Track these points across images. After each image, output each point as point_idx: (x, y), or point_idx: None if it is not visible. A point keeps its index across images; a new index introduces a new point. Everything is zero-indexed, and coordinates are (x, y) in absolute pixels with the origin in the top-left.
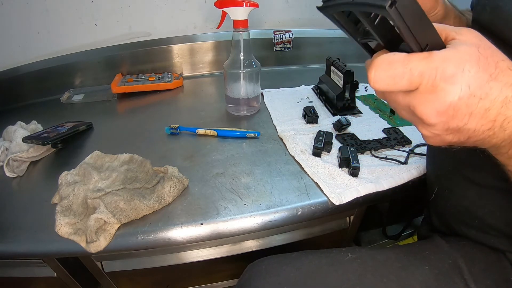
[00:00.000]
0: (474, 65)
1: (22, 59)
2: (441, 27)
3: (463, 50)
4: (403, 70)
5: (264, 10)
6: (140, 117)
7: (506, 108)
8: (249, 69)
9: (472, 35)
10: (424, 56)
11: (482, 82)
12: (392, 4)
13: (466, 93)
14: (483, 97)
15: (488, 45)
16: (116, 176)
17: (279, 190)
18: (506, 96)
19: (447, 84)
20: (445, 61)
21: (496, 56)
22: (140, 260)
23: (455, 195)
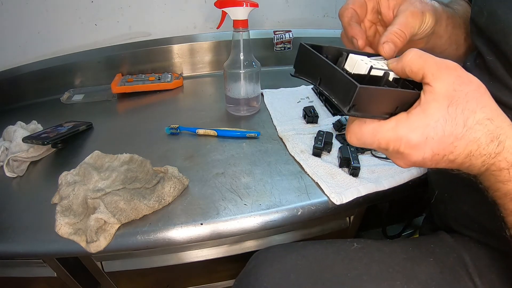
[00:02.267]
0: (439, 131)
1: (22, 59)
2: (420, 64)
3: (431, 114)
4: (371, 140)
5: (264, 10)
6: (140, 117)
7: (470, 159)
8: (249, 69)
9: (448, 82)
10: (391, 126)
11: (446, 144)
12: (350, 108)
13: (429, 154)
14: (447, 154)
15: (463, 95)
16: (116, 176)
17: (279, 190)
18: (470, 150)
19: (412, 150)
20: (410, 132)
21: (467, 111)
22: (140, 260)
23: (455, 199)
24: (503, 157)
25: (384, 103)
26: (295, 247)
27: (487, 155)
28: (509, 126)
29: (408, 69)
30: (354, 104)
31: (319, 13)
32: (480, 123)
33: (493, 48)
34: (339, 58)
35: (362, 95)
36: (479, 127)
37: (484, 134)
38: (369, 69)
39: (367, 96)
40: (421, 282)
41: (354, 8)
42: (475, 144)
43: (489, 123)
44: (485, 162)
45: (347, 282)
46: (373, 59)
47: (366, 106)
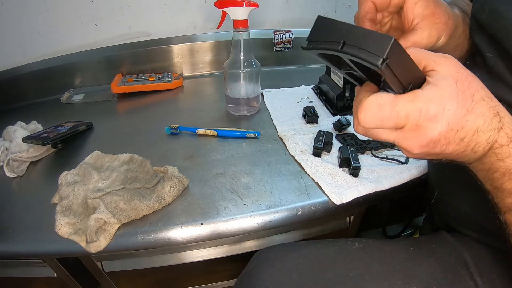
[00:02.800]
0: (453, 102)
1: (22, 59)
2: (420, 55)
3: (443, 87)
4: (390, 113)
5: (264, 10)
6: (140, 117)
7: (477, 136)
8: (249, 69)
9: (450, 65)
10: (409, 98)
11: (460, 117)
12: (384, 61)
13: (445, 128)
14: (459, 130)
15: (464, 76)
16: (116, 176)
17: (279, 190)
18: (478, 126)
19: (430, 123)
20: (428, 102)
21: (472, 88)
22: (140, 260)
23: (455, 199)
24: (504, 133)
25: (406, 71)
26: (297, 247)
27: (492, 130)
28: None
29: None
30: (387, 57)
31: (319, 13)
32: (483, 99)
33: (494, 45)
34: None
35: (394, 52)
36: (484, 102)
37: (488, 110)
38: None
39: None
40: (422, 281)
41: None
42: (482, 119)
43: (490, 100)
44: (490, 138)
45: (348, 282)
46: None
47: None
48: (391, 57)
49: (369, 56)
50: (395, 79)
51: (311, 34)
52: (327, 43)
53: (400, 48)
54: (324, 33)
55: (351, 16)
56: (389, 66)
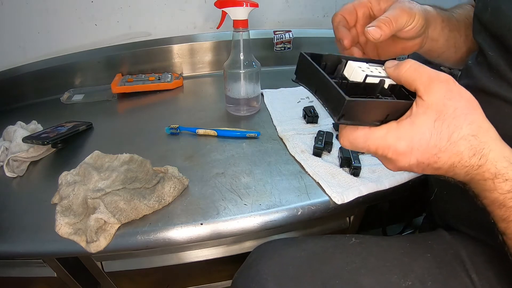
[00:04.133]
0: (423, 143)
1: (22, 59)
2: (414, 77)
3: (418, 126)
4: (363, 145)
5: (264, 10)
6: (140, 117)
7: (453, 169)
8: (249, 69)
9: (438, 96)
10: (381, 134)
11: (430, 155)
12: (340, 118)
13: (415, 162)
14: (431, 163)
15: (451, 110)
16: (116, 176)
17: (279, 190)
18: (452, 162)
19: (400, 157)
20: (398, 140)
21: (453, 126)
22: (140, 260)
23: (453, 197)
24: (486, 169)
25: (374, 112)
26: (295, 241)
27: (469, 167)
28: (494, 140)
29: (403, 80)
30: (343, 114)
31: (319, 13)
32: (464, 138)
33: (496, 44)
34: (338, 65)
35: (351, 107)
36: (463, 142)
37: (467, 148)
38: (365, 77)
39: (357, 107)
40: (418, 276)
41: (343, 15)
42: (458, 157)
43: (473, 139)
44: (468, 172)
45: (344, 275)
46: (372, 65)
47: (356, 115)
48: (347, 113)
49: (331, 110)
50: (360, 123)
51: (297, 70)
52: (307, 84)
53: (357, 103)
54: (305, 75)
55: None
56: (347, 119)
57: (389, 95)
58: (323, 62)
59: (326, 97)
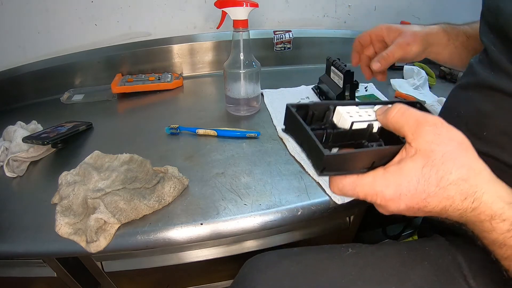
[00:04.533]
0: (411, 189)
1: (22, 59)
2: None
3: (406, 173)
4: (352, 192)
5: (264, 10)
6: (140, 117)
7: (446, 211)
8: (249, 69)
9: (427, 141)
10: (368, 181)
11: (419, 200)
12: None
13: (404, 207)
14: (421, 208)
15: (440, 155)
16: (116, 176)
17: (279, 190)
18: (444, 206)
19: (388, 202)
20: (385, 187)
21: (442, 171)
22: (140, 260)
23: None
24: (481, 211)
25: (357, 162)
26: (289, 254)
27: (462, 210)
28: (487, 182)
29: (391, 127)
30: (324, 167)
31: (319, 13)
32: (454, 183)
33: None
34: (327, 112)
35: (331, 160)
36: (453, 187)
37: (457, 193)
38: (351, 124)
39: (337, 160)
40: (416, 284)
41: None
42: (449, 201)
43: (463, 183)
44: (462, 215)
45: (341, 287)
46: (363, 107)
47: (339, 167)
48: (328, 166)
49: (313, 163)
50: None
51: (285, 122)
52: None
53: (335, 156)
54: (291, 126)
55: (351, 16)
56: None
57: (377, 140)
58: (310, 111)
59: (309, 150)
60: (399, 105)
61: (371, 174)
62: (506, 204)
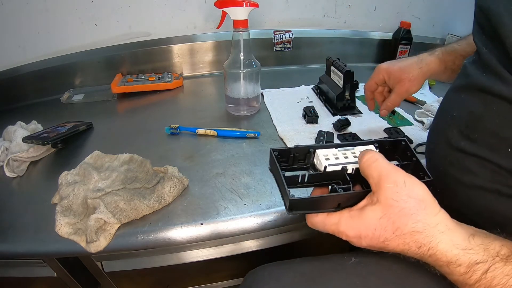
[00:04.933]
0: (369, 233)
1: (22, 59)
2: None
3: (365, 220)
4: (322, 228)
5: (264, 10)
6: (140, 117)
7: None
8: (249, 69)
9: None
10: (334, 221)
11: (378, 242)
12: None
13: (366, 245)
14: (382, 247)
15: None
16: (116, 176)
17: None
18: (402, 249)
19: (352, 240)
20: (348, 229)
21: (398, 223)
22: (140, 260)
23: (446, 196)
24: (437, 258)
25: (323, 204)
26: (292, 265)
27: (420, 255)
28: (442, 233)
29: (361, 172)
30: (291, 208)
31: (319, 13)
32: (409, 234)
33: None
34: (307, 153)
35: (298, 203)
36: (408, 236)
37: (412, 241)
38: (324, 168)
39: (304, 203)
40: None
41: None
42: (406, 246)
43: (418, 235)
44: (421, 258)
45: None
46: (342, 149)
47: (306, 207)
48: (295, 207)
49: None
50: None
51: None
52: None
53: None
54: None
55: (350, 16)
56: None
57: (348, 182)
58: (292, 153)
59: (281, 191)
60: (369, 154)
61: (338, 215)
62: (461, 250)
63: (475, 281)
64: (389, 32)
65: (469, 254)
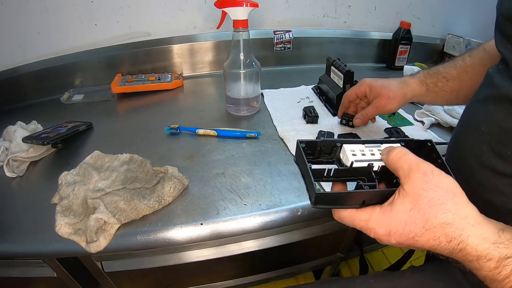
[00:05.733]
0: (399, 229)
1: (22, 59)
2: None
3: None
4: (350, 223)
5: (264, 10)
6: (140, 117)
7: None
8: (249, 69)
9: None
10: (364, 217)
11: (407, 238)
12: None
13: (395, 243)
14: (410, 245)
15: (426, 200)
16: (116, 176)
17: (279, 190)
18: (432, 245)
19: (380, 237)
20: (377, 226)
21: (428, 215)
22: (140, 260)
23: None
24: (467, 252)
25: (348, 200)
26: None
27: (449, 249)
28: (472, 226)
29: (390, 167)
30: (316, 202)
31: (319, 13)
32: (439, 226)
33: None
34: (334, 147)
35: (323, 197)
36: (438, 229)
37: (442, 235)
38: (351, 163)
39: (329, 197)
40: None
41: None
42: (436, 241)
43: (448, 227)
44: (451, 253)
45: None
46: (369, 146)
47: (331, 202)
48: (320, 201)
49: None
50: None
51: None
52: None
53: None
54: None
55: (350, 16)
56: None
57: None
58: (318, 146)
59: (307, 184)
60: (399, 148)
61: (368, 211)
62: (491, 244)
63: (505, 276)
64: (389, 32)
65: (499, 248)
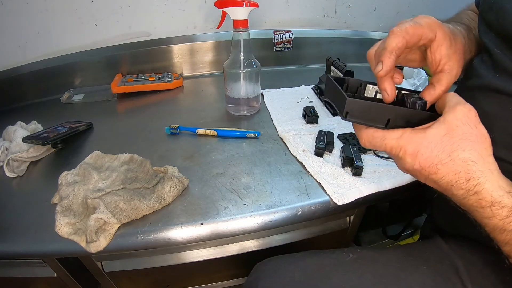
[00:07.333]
0: (428, 150)
1: (22, 59)
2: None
3: (428, 135)
4: (380, 144)
5: (264, 10)
6: (140, 117)
7: (451, 188)
8: (249, 69)
9: (455, 117)
10: (396, 135)
11: (431, 163)
12: (346, 114)
13: (418, 167)
14: (431, 173)
15: (460, 133)
16: (116, 176)
17: (279, 190)
18: (450, 179)
19: (408, 158)
20: (408, 143)
21: (457, 146)
22: (140, 260)
23: None
24: (482, 197)
25: (375, 114)
26: (294, 259)
27: (466, 190)
28: (491, 172)
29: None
30: (347, 112)
31: (319, 13)
32: (463, 160)
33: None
34: (359, 87)
35: (354, 105)
36: (461, 163)
37: (463, 171)
38: (375, 93)
39: (358, 106)
40: None
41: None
42: (455, 176)
43: (472, 165)
44: (464, 196)
45: None
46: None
47: (360, 115)
48: (350, 111)
49: (339, 110)
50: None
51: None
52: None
53: (356, 101)
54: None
55: (350, 16)
56: (352, 117)
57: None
58: (345, 83)
59: (337, 101)
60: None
61: (400, 130)
62: (505, 192)
63: None
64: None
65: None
